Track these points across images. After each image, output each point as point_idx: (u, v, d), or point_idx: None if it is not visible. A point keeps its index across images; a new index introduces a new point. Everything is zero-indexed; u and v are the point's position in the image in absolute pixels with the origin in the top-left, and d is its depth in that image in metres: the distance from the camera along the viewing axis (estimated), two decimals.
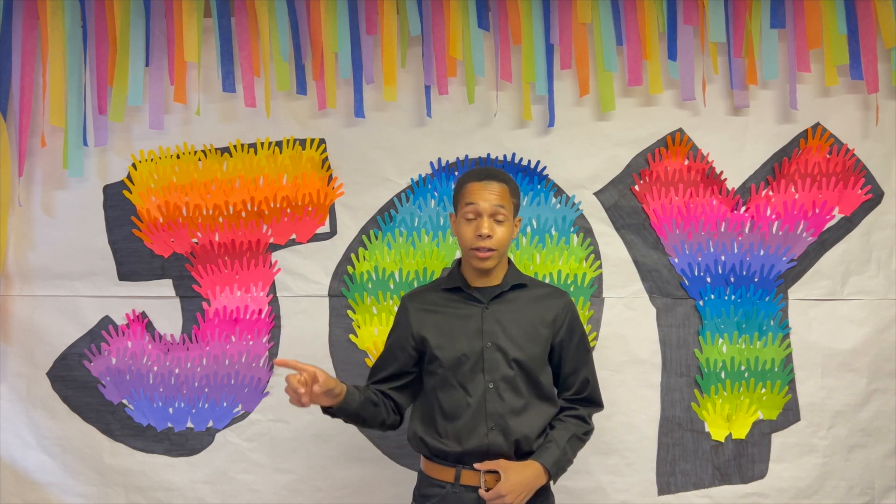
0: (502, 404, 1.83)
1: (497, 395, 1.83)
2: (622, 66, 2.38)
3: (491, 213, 1.83)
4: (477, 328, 1.86)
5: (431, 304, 1.92)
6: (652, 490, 2.39)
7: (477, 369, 1.84)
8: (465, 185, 1.88)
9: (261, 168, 2.41)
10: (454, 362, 1.85)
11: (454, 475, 1.83)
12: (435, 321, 1.89)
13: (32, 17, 2.36)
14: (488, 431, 1.81)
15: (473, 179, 1.87)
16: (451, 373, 1.86)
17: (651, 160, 2.38)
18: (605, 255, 2.40)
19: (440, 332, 1.88)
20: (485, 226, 1.82)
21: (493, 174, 1.88)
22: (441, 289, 1.94)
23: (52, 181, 2.42)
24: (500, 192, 1.85)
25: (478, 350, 1.84)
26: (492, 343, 1.84)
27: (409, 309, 1.94)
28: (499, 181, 1.87)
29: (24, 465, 2.41)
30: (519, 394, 1.84)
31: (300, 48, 2.36)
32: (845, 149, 2.37)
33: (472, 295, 1.89)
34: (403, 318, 1.94)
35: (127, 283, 2.42)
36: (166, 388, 2.42)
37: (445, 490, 1.83)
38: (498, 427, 1.82)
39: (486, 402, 1.83)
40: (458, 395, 1.84)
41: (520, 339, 1.85)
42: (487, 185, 1.85)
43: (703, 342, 2.38)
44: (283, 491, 2.41)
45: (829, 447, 2.37)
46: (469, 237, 1.84)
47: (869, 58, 2.32)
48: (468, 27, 2.34)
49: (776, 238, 2.38)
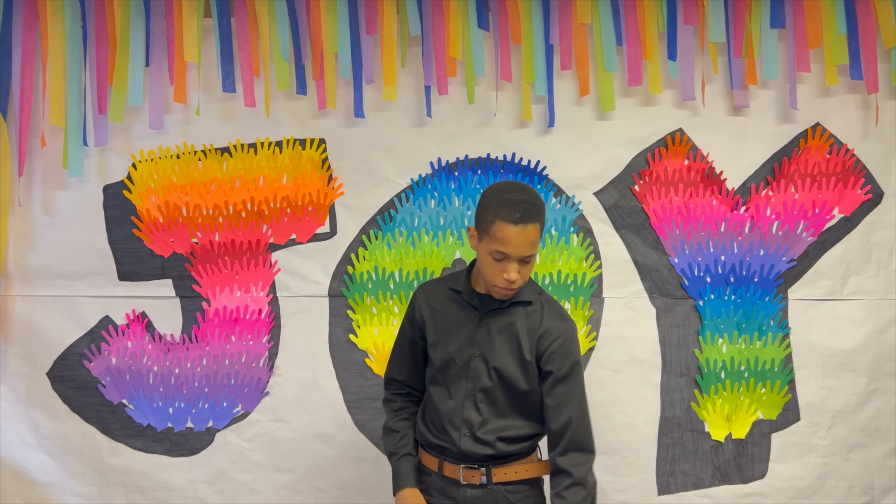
0: (477, 415, 1.83)
1: (474, 405, 1.83)
2: (622, 66, 2.37)
3: (521, 258, 1.72)
4: (469, 336, 1.85)
5: (437, 299, 1.92)
6: (652, 490, 2.39)
7: (462, 375, 1.84)
8: (498, 223, 1.70)
9: (261, 168, 2.41)
10: (442, 364, 1.86)
11: (437, 465, 1.86)
12: (435, 318, 1.90)
13: (32, 17, 2.36)
14: (460, 437, 1.83)
15: (509, 221, 1.68)
16: (439, 373, 1.87)
17: (651, 160, 2.38)
18: (605, 255, 2.40)
19: (437, 329, 1.89)
20: (513, 273, 1.72)
21: (530, 213, 1.70)
22: (448, 287, 1.92)
23: (52, 181, 2.41)
24: (534, 238, 1.71)
25: (466, 357, 1.84)
26: (479, 353, 1.83)
27: (419, 300, 1.93)
28: (534, 221, 1.70)
29: (24, 465, 2.41)
30: (497, 406, 1.83)
31: (300, 48, 2.36)
32: (845, 149, 2.37)
33: (471, 302, 1.87)
34: (414, 309, 1.94)
35: (127, 283, 2.42)
36: (166, 388, 2.42)
37: (431, 478, 1.88)
38: (470, 435, 1.82)
39: (464, 408, 1.83)
40: (443, 394, 1.86)
41: (505, 353, 1.82)
42: (523, 230, 1.69)
43: (703, 342, 2.38)
44: (283, 491, 2.41)
45: (829, 447, 2.37)
46: (494, 276, 1.75)
47: (869, 58, 2.32)
48: (468, 27, 2.34)
49: (776, 238, 2.38)
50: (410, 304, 1.96)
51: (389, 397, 1.99)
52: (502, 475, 1.83)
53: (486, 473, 1.82)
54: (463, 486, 1.83)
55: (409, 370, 1.97)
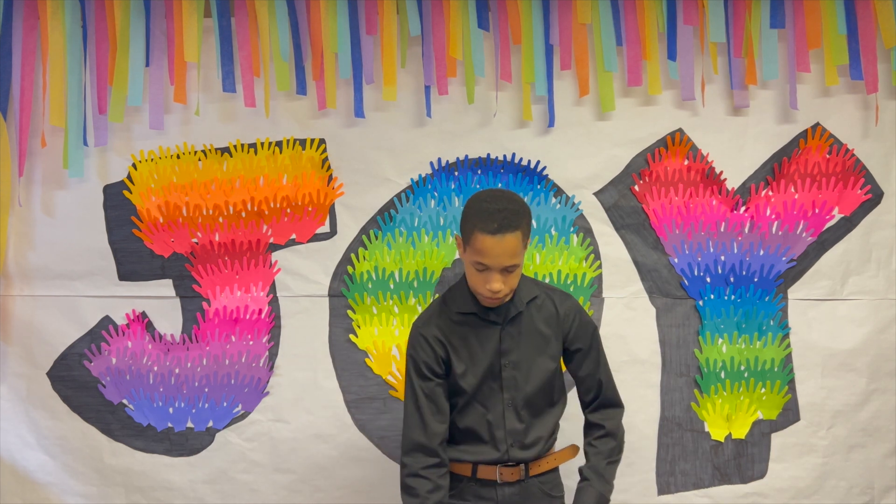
0: (519, 423, 1.84)
1: (515, 413, 1.84)
2: (622, 66, 2.38)
3: (502, 269, 1.70)
4: (495, 348, 1.83)
5: (449, 331, 1.83)
6: (652, 490, 2.39)
7: (496, 388, 1.84)
8: (476, 234, 1.68)
9: (261, 168, 2.41)
10: (476, 387, 1.84)
11: (471, 470, 1.85)
12: (457, 349, 1.83)
13: (32, 17, 2.36)
14: (508, 448, 1.83)
15: (486, 232, 1.66)
16: (471, 395, 1.84)
17: (651, 160, 2.38)
18: (605, 255, 2.40)
19: (461, 359, 1.83)
20: (496, 283, 1.71)
21: (508, 222, 1.66)
22: (456, 313, 1.84)
23: (52, 181, 2.41)
24: (514, 248, 1.68)
25: (497, 369, 1.84)
26: (509, 362, 1.83)
27: (429, 341, 1.82)
28: (513, 230, 1.67)
29: (24, 465, 2.41)
30: (534, 408, 1.86)
31: (300, 48, 2.36)
32: (845, 149, 2.37)
33: (488, 318, 1.83)
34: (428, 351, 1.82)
35: (127, 283, 2.42)
36: (166, 388, 2.42)
37: (463, 483, 1.85)
38: (517, 444, 1.84)
39: (505, 420, 1.83)
40: (478, 413, 1.84)
41: (535, 354, 1.84)
42: (501, 240, 1.66)
43: (703, 342, 2.38)
44: (283, 491, 2.41)
45: (829, 447, 2.37)
46: (478, 285, 1.74)
47: (869, 58, 2.32)
48: (468, 27, 2.34)
49: (776, 238, 2.38)
50: (420, 347, 1.83)
51: (420, 474, 1.75)
52: (537, 468, 1.86)
53: (524, 470, 1.84)
54: (499, 486, 1.83)
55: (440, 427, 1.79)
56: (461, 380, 1.83)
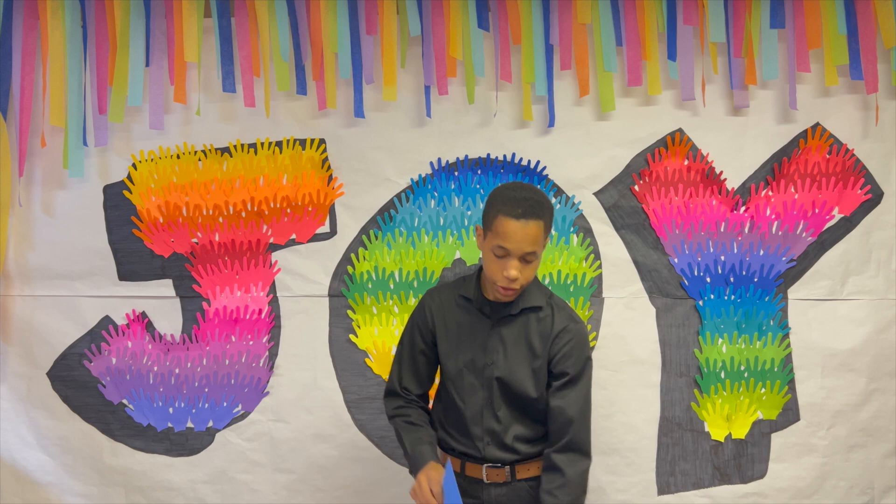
0: (497, 423, 1.84)
1: (493, 413, 1.84)
2: (622, 66, 2.38)
3: (521, 255, 1.72)
4: (482, 344, 1.85)
5: (448, 307, 1.90)
6: (652, 490, 2.39)
7: (477, 385, 1.85)
8: (500, 217, 1.71)
9: (261, 168, 2.41)
10: (456, 374, 1.87)
11: (459, 466, 1.87)
12: (448, 326, 1.89)
13: (32, 17, 2.36)
14: (485, 446, 1.84)
15: (510, 216, 1.70)
16: (452, 382, 1.87)
17: (651, 160, 2.39)
18: (605, 255, 2.40)
19: (449, 338, 1.88)
20: (513, 270, 1.72)
21: (532, 210, 1.71)
22: (458, 294, 1.90)
23: (52, 181, 2.42)
24: (536, 235, 1.71)
25: (480, 367, 1.84)
26: (492, 362, 1.84)
27: (429, 305, 1.92)
28: (536, 219, 1.70)
29: (24, 465, 2.41)
30: (514, 411, 1.85)
31: (300, 48, 2.36)
32: (845, 149, 2.37)
33: (482, 310, 1.86)
34: (424, 314, 1.92)
35: (127, 283, 2.42)
36: (166, 388, 2.42)
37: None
38: (493, 443, 1.84)
39: (483, 417, 1.84)
40: (460, 403, 1.86)
41: (518, 361, 1.83)
42: (525, 225, 1.69)
43: (703, 342, 2.39)
44: (283, 491, 2.41)
45: (829, 447, 2.37)
46: (495, 273, 1.75)
47: (868, 58, 2.32)
48: (468, 27, 2.34)
49: (776, 238, 2.38)
50: (420, 310, 1.94)
51: (403, 405, 1.93)
52: (525, 472, 1.85)
53: (510, 472, 1.84)
54: (487, 485, 1.84)
55: (422, 381, 1.95)
56: (446, 360, 1.88)
